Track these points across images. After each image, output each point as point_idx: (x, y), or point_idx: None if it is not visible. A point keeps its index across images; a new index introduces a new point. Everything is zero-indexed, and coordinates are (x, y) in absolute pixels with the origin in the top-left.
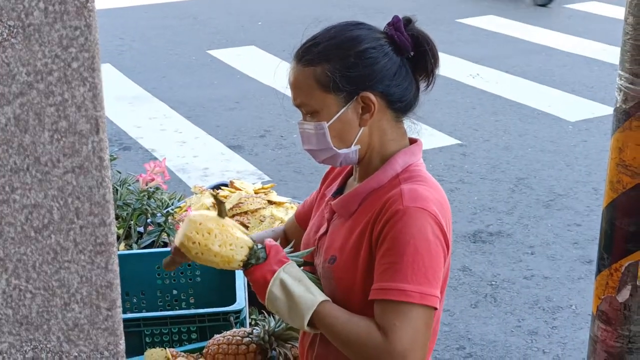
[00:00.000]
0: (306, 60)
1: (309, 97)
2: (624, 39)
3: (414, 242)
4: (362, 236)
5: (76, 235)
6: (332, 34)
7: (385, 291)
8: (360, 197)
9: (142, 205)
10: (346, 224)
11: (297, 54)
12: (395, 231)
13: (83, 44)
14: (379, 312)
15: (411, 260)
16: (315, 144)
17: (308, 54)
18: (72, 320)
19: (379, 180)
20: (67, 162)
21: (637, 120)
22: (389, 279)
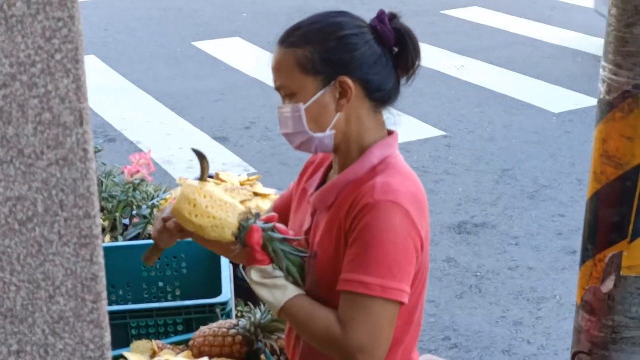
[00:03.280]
0: (288, 42)
1: (289, 79)
2: (608, 30)
3: (381, 235)
4: (339, 230)
5: (61, 228)
6: (315, 19)
7: (348, 282)
8: (337, 189)
9: (127, 197)
10: (326, 218)
11: (280, 38)
12: (363, 224)
13: (66, 36)
14: (341, 304)
15: (376, 253)
16: (292, 127)
17: (290, 37)
18: (57, 313)
19: (356, 172)
20: (51, 155)
21: (621, 112)
22: (352, 270)
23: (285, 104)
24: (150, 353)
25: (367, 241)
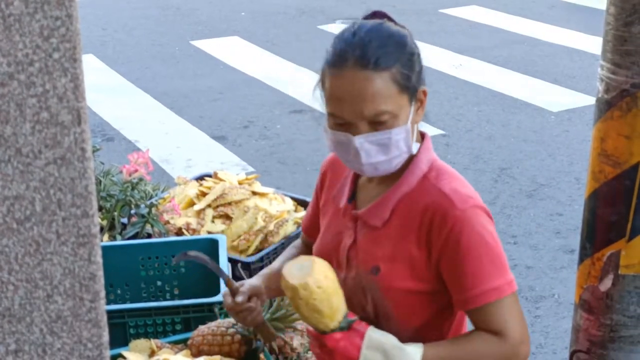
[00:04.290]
0: (375, 64)
1: (389, 102)
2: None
3: (482, 240)
4: (412, 244)
5: (59, 227)
6: (385, 32)
7: (480, 296)
8: (392, 203)
9: (125, 196)
10: (382, 232)
11: (360, 61)
12: (464, 237)
13: (64, 35)
14: (482, 318)
15: (489, 258)
16: (394, 151)
17: (373, 57)
18: (55, 312)
19: (409, 183)
20: (49, 154)
21: (619, 110)
22: (478, 284)
23: (378, 130)
24: (148, 352)
25: (476, 251)
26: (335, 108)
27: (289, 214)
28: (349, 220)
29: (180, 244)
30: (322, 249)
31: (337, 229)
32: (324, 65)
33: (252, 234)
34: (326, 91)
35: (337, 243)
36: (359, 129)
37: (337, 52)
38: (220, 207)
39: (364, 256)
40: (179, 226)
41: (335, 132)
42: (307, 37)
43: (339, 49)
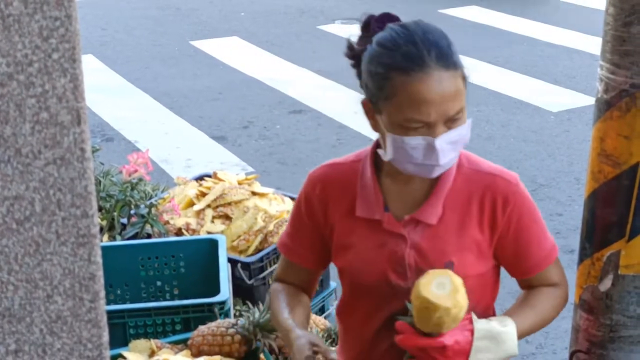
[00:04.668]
0: (452, 64)
1: (463, 99)
2: (605, 29)
3: (533, 205)
4: (474, 229)
5: (58, 227)
6: (440, 32)
7: (547, 258)
8: (443, 197)
9: (125, 196)
10: (440, 228)
11: (441, 62)
12: (525, 209)
13: (63, 35)
14: (545, 277)
15: (540, 221)
16: (456, 150)
17: (451, 56)
18: (55, 313)
19: (451, 175)
20: (49, 154)
21: (618, 110)
22: (543, 248)
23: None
24: (148, 352)
25: (533, 218)
26: (416, 112)
27: (289, 214)
28: (394, 227)
29: (180, 244)
30: (365, 267)
31: (376, 241)
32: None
33: (251, 234)
34: (402, 96)
35: (388, 255)
36: (438, 130)
37: (410, 54)
38: (220, 207)
39: (433, 255)
40: (178, 226)
41: (412, 137)
42: (307, 38)
43: (411, 51)
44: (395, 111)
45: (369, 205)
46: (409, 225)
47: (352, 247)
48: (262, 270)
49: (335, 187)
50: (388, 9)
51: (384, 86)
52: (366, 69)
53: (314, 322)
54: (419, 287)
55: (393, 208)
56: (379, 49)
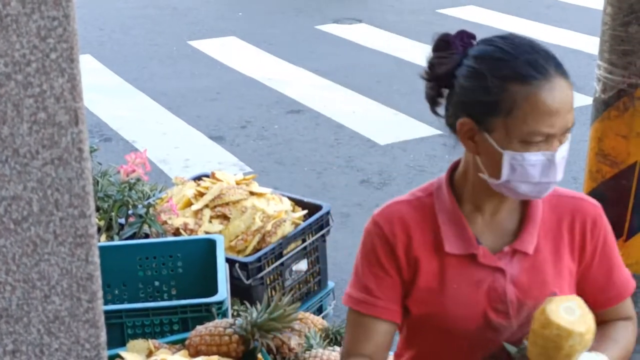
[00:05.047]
0: (567, 72)
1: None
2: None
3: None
4: (567, 258)
5: (56, 227)
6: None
7: (627, 287)
8: (538, 224)
9: (123, 196)
10: (536, 258)
11: (559, 69)
12: (609, 235)
13: (61, 35)
14: (624, 307)
15: (617, 249)
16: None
17: (564, 68)
18: (52, 313)
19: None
20: (47, 154)
21: (616, 110)
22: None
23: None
24: (146, 352)
25: (613, 245)
26: (541, 123)
27: (287, 214)
28: (490, 261)
29: (178, 244)
30: (461, 309)
31: (471, 278)
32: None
33: (249, 234)
34: (525, 108)
35: (486, 292)
36: (555, 144)
37: (531, 62)
38: (218, 207)
39: (535, 288)
40: (176, 226)
41: (533, 153)
42: (305, 37)
43: (532, 59)
44: (517, 124)
45: (460, 239)
46: (504, 258)
47: (443, 288)
48: (260, 270)
49: (414, 225)
50: (386, 11)
51: (500, 99)
52: (470, 84)
53: (311, 322)
54: (547, 315)
55: (484, 241)
56: (487, 60)
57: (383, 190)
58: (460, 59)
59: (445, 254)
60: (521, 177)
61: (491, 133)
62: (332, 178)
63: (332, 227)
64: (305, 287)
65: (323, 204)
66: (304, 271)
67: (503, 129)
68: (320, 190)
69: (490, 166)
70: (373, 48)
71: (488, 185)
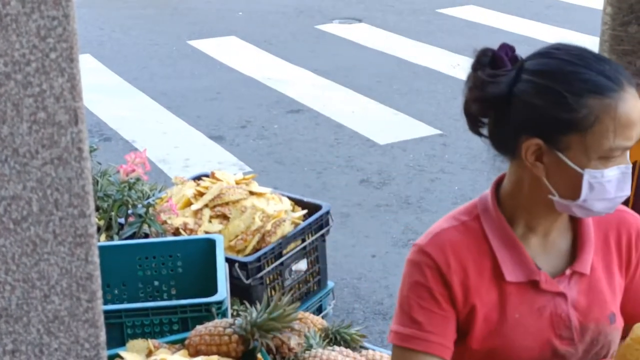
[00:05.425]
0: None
1: None
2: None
3: None
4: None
5: (55, 227)
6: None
7: None
8: (593, 242)
9: (122, 196)
10: (592, 277)
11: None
12: None
13: (61, 34)
14: None
15: None
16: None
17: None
18: (52, 313)
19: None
20: (46, 154)
21: None
22: None
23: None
24: (146, 352)
25: None
26: (623, 136)
27: (287, 213)
28: (552, 286)
29: (178, 244)
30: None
31: (533, 306)
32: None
33: (249, 233)
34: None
35: (549, 319)
36: (625, 157)
37: (606, 74)
38: (218, 207)
39: (596, 309)
40: (176, 226)
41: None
42: (305, 37)
43: (606, 70)
44: (599, 141)
45: (519, 266)
46: (564, 281)
47: (504, 319)
48: (260, 270)
49: (467, 253)
50: (386, 10)
51: (580, 116)
52: (538, 103)
53: (311, 322)
54: None
55: (541, 264)
56: (556, 74)
57: (383, 190)
58: (515, 75)
59: (505, 283)
60: (599, 195)
61: (565, 152)
62: (332, 178)
63: (332, 226)
64: (305, 287)
65: (323, 204)
66: (304, 271)
67: (581, 146)
68: (320, 190)
69: (565, 187)
70: (373, 48)
71: (547, 205)
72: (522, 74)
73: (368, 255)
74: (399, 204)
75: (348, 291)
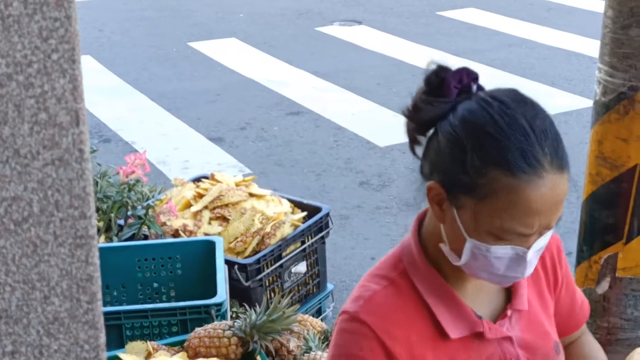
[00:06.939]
0: (566, 161)
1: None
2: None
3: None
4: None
5: (56, 228)
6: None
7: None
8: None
9: (122, 197)
10: (531, 311)
11: (555, 162)
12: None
13: (63, 36)
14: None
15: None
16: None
17: (564, 152)
18: (52, 314)
19: None
20: (47, 155)
21: (616, 113)
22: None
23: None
24: (145, 354)
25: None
26: (519, 223)
27: (286, 215)
28: (497, 333)
29: (177, 245)
30: None
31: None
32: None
33: (249, 235)
34: (504, 202)
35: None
36: (531, 240)
37: (523, 152)
38: (217, 209)
39: (541, 343)
40: (175, 228)
41: (502, 247)
42: (305, 39)
43: (524, 146)
44: (489, 216)
45: (459, 319)
46: (505, 323)
47: None
48: (259, 272)
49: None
50: (385, 13)
51: (478, 183)
52: (449, 150)
53: (310, 325)
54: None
55: (480, 310)
56: (474, 132)
57: (382, 192)
58: (447, 110)
59: (449, 340)
60: (483, 267)
61: (459, 210)
62: (332, 180)
63: (332, 229)
64: (305, 289)
65: (322, 206)
66: (303, 273)
67: (472, 213)
68: (319, 192)
69: (452, 242)
70: (373, 50)
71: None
72: (453, 112)
73: (368, 257)
74: (399, 206)
75: (347, 294)
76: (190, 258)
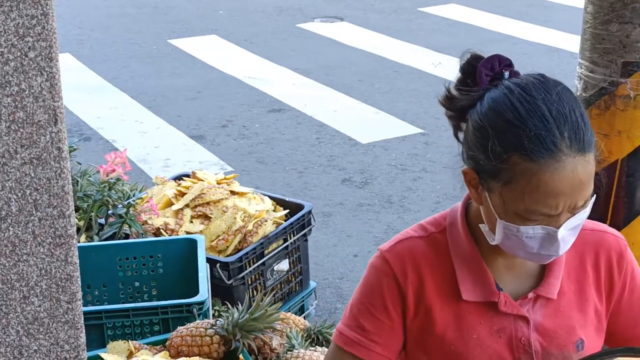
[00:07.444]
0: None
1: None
2: (584, 27)
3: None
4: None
5: (35, 228)
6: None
7: None
8: (563, 265)
9: (103, 196)
10: (560, 302)
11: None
12: (635, 263)
13: (40, 33)
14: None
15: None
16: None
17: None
18: (31, 314)
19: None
20: (25, 154)
21: (597, 109)
22: None
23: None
24: (126, 353)
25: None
26: (542, 204)
27: (268, 213)
28: (512, 309)
29: (159, 244)
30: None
31: (491, 328)
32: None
33: (230, 233)
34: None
35: (507, 342)
36: (561, 219)
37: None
38: (199, 207)
39: (561, 335)
40: (157, 226)
41: (532, 227)
42: (286, 36)
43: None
44: (514, 199)
45: (478, 285)
46: (527, 304)
47: (460, 338)
48: (241, 270)
49: (427, 266)
50: (367, 9)
51: (500, 168)
52: (475, 137)
53: (293, 323)
54: None
55: (505, 285)
56: (496, 119)
57: (365, 189)
58: (477, 99)
59: (462, 301)
60: (516, 245)
61: (490, 193)
62: (314, 177)
63: (314, 226)
64: (287, 287)
65: (304, 204)
66: (286, 271)
67: (500, 198)
68: (301, 190)
69: (488, 222)
70: (354, 46)
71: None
72: (479, 102)
73: (350, 255)
74: (381, 204)
75: (330, 291)
76: (171, 257)
